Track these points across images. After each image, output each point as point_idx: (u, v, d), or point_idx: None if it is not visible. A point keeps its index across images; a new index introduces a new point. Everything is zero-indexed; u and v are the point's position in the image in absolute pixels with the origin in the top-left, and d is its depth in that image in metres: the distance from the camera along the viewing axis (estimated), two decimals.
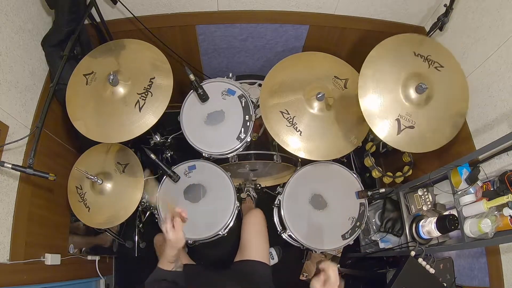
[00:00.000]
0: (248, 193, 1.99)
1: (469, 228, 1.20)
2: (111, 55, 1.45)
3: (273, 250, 2.09)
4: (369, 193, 1.54)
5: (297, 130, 1.43)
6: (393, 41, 1.36)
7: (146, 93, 1.37)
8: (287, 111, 1.45)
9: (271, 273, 1.43)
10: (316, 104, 1.45)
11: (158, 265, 1.09)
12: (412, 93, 1.29)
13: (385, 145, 1.76)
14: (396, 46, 1.35)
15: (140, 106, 1.35)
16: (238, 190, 1.94)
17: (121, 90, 1.36)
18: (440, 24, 1.47)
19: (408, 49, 1.35)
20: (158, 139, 1.72)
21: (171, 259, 1.06)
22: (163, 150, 1.91)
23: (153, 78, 1.39)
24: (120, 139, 1.38)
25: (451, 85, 1.36)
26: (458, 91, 1.37)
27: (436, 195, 1.51)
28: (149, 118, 1.34)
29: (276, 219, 1.73)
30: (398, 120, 1.29)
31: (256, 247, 1.46)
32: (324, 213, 1.56)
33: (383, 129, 1.28)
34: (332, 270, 0.89)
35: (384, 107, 1.29)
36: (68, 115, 1.37)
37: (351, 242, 1.55)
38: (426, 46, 1.38)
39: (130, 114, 1.35)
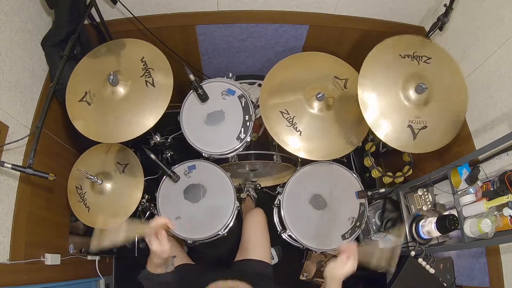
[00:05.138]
0: (248, 193, 1.99)
1: (469, 228, 1.20)
2: (99, 61, 1.44)
3: (273, 250, 2.09)
4: (369, 193, 1.54)
5: (297, 130, 1.43)
6: (376, 54, 1.34)
7: (147, 71, 1.38)
8: (287, 111, 1.45)
9: (272, 273, 1.42)
10: (316, 104, 1.45)
11: (147, 267, 1.07)
12: (413, 95, 1.30)
13: (385, 145, 1.76)
14: (381, 58, 1.34)
15: (152, 83, 1.37)
16: (238, 190, 1.94)
17: (121, 90, 1.36)
18: (440, 24, 1.47)
19: (393, 55, 1.34)
20: (158, 139, 1.72)
21: (157, 265, 1.04)
22: (163, 150, 1.91)
23: (142, 58, 1.40)
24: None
25: (444, 72, 1.37)
26: (451, 73, 1.39)
27: (436, 195, 1.51)
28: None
29: (276, 219, 1.73)
30: (410, 126, 1.29)
31: (257, 247, 1.46)
32: (324, 213, 1.56)
33: (402, 142, 1.29)
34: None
35: (394, 123, 1.29)
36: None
37: None
38: (408, 44, 1.37)
39: (145, 99, 1.36)
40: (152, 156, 1.42)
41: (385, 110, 1.29)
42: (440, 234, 1.34)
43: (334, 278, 1.00)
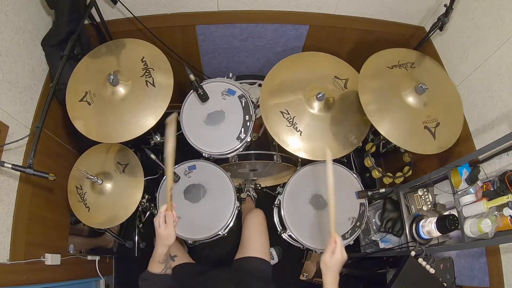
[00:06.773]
0: (248, 193, 1.99)
1: (469, 228, 1.20)
2: (99, 61, 1.44)
3: (273, 250, 2.09)
4: (369, 193, 1.54)
5: (297, 130, 1.43)
6: (368, 68, 1.40)
7: (148, 71, 1.39)
8: (287, 111, 1.45)
9: (272, 271, 1.42)
10: (316, 104, 1.45)
11: (148, 268, 1.07)
12: (416, 98, 1.34)
13: (385, 145, 1.76)
14: (374, 72, 1.40)
15: (152, 83, 1.37)
16: (238, 190, 1.93)
17: (121, 90, 1.36)
18: (440, 24, 1.47)
19: (383, 67, 1.42)
20: (158, 139, 1.72)
21: (160, 258, 1.04)
22: (163, 150, 1.91)
23: (142, 58, 1.41)
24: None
25: (430, 72, 1.47)
26: (437, 71, 1.51)
27: (436, 195, 1.51)
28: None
29: (276, 219, 1.73)
30: (426, 127, 1.32)
31: (257, 245, 1.46)
32: (324, 213, 1.56)
33: (426, 145, 1.31)
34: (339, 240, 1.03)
35: (410, 128, 1.32)
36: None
37: (351, 242, 1.55)
38: (391, 56, 1.45)
39: (143, 101, 1.36)
40: (152, 156, 1.42)
41: (397, 120, 1.33)
42: (440, 234, 1.34)
43: (328, 267, 1.02)
